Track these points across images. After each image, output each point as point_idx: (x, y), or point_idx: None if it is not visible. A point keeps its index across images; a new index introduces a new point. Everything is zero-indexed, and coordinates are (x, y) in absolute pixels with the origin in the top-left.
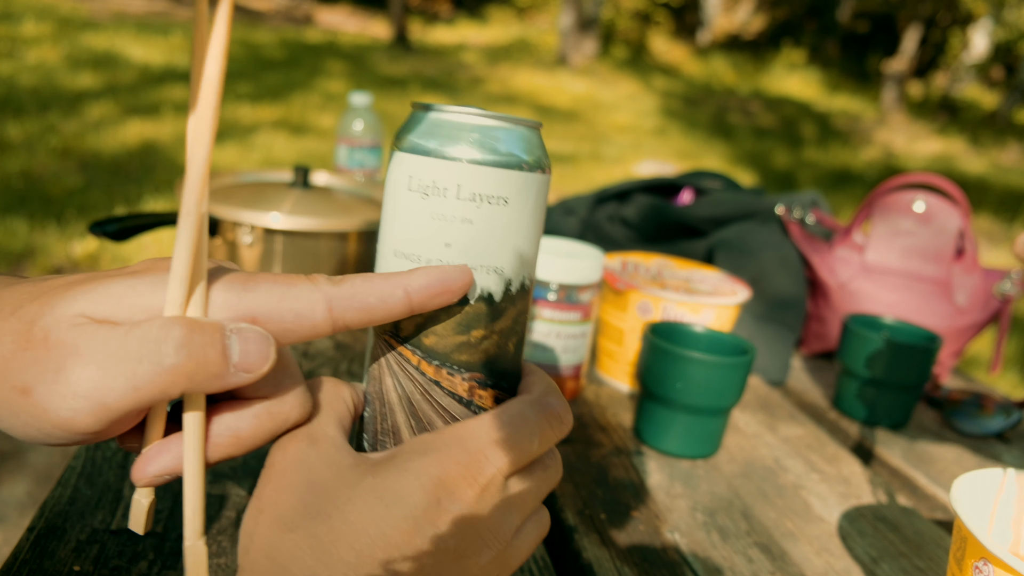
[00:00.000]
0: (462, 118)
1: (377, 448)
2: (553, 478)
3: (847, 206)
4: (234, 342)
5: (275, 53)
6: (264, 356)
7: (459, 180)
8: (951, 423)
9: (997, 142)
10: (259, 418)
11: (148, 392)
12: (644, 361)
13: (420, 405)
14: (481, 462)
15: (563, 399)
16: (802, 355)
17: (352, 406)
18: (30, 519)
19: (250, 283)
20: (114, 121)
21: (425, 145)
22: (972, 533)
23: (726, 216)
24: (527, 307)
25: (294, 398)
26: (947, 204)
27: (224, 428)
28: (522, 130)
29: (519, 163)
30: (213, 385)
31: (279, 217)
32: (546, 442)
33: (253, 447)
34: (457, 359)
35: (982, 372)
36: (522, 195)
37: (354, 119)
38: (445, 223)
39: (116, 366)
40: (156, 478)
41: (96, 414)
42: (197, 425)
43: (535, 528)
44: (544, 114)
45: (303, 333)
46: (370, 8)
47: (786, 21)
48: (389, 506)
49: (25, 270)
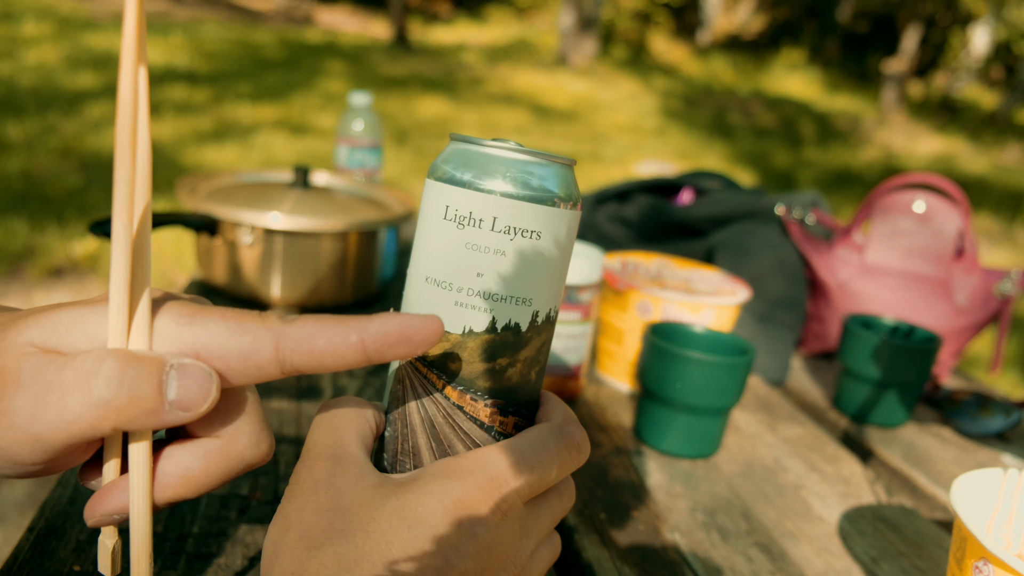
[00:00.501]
0: (500, 152)
1: (396, 468)
2: (567, 504)
3: (847, 206)
4: (172, 378)
5: (275, 53)
6: (204, 394)
7: (495, 212)
8: (951, 423)
9: (997, 142)
10: (209, 458)
11: (79, 426)
12: (644, 361)
13: (442, 428)
14: (502, 487)
15: (582, 428)
16: (802, 355)
17: (374, 425)
18: (30, 519)
19: (197, 316)
20: (114, 121)
21: (462, 177)
22: (972, 533)
23: (726, 216)
24: (551, 337)
25: (247, 438)
26: (947, 204)
27: (173, 467)
28: (557, 167)
29: (552, 198)
30: (147, 422)
31: (279, 217)
32: (564, 470)
33: (206, 488)
34: (481, 385)
35: (982, 372)
36: (554, 229)
37: (354, 119)
38: (479, 253)
39: (49, 397)
40: (105, 517)
41: (31, 445)
42: (142, 460)
43: (547, 552)
44: (544, 114)
45: (249, 372)
46: (370, 8)
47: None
48: (412, 527)
49: (25, 270)
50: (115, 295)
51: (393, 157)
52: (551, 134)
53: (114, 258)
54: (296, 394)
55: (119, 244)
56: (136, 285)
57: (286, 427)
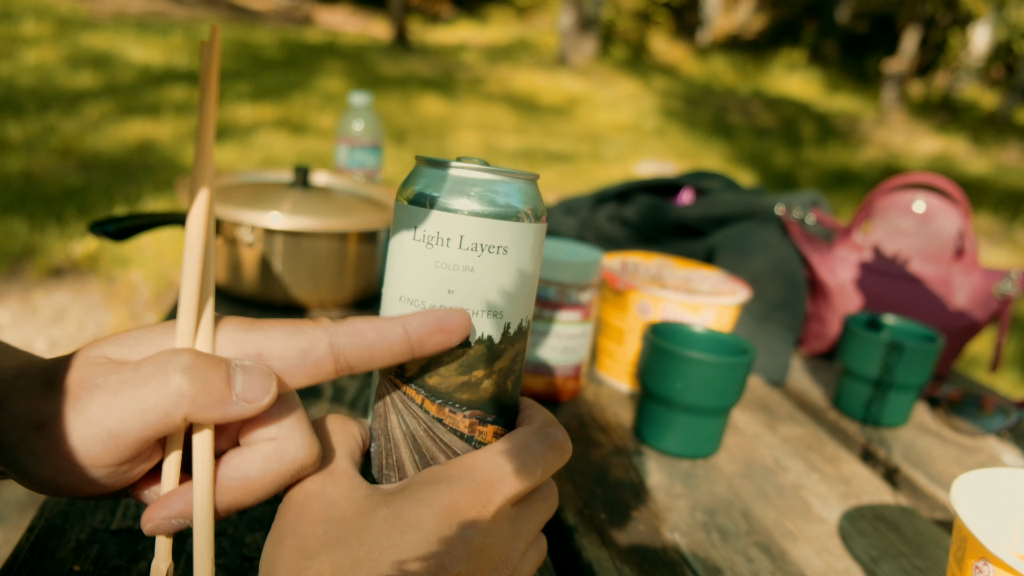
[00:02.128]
0: (464, 173)
1: (383, 482)
2: (552, 506)
3: (847, 206)
4: (238, 374)
5: (275, 53)
6: (265, 389)
7: (462, 231)
8: (951, 423)
9: (997, 142)
10: (267, 460)
11: (153, 415)
12: (644, 361)
13: (423, 441)
14: (490, 491)
15: (563, 429)
16: (802, 355)
17: (361, 441)
18: (30, 519)
19: (257, 324)
20: (114, 121)
21: (429, 198)
22: (972, 533)
23: (726, 216)
24: (524, 347)
25: (300, 439)
26: (947, 204)
27: (232, 471)
28: (520, 183)
29: (517, 214)
30: (216, 412)
31: (279, 217)
32: (548, 471)
33: (262, 492)
34: (459, 398)
35: (982, 372)
36: (520, 243)
37: (354, 119)
38: (448, 271)
39: (125, 391)
40: (164, 522)
41: (105, 442)
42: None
43: (535, 554)
44: (543, 114)
45: (307, 370)
46: (370, 8)
47: (786, 21)
48: (404, 533)
49: (25, 270)
50: (184, 303)
51: (393, 157)
52: (551, 134)
53: (186, 267)
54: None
55: (191, 255)
56: (202, 295)
57: None
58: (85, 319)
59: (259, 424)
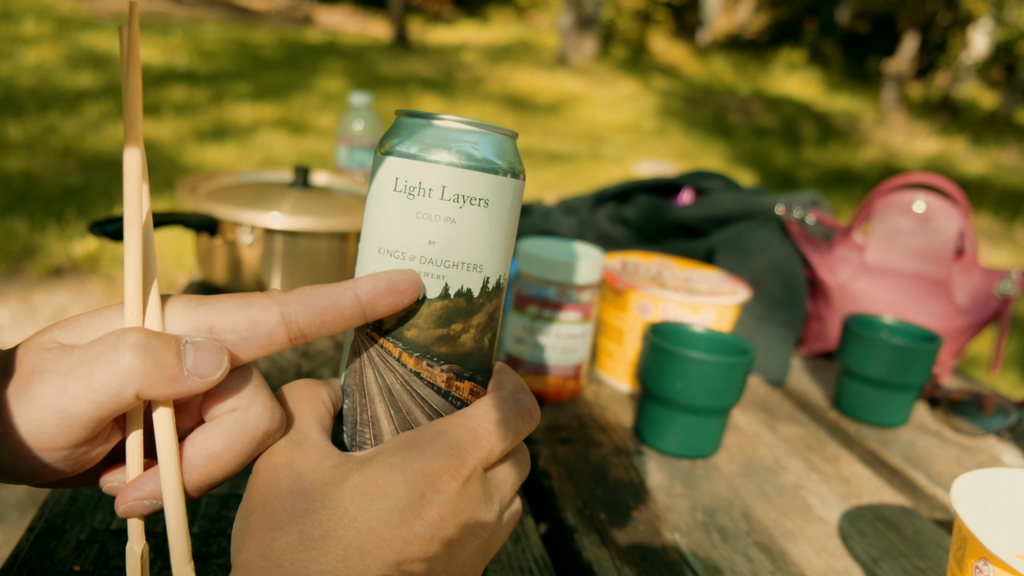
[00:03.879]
0: (446, 124)
1: (356, 439)
2: (524, 470)
3: (847, 206)
4: (188, 350)
5: (275, 53)
6: (217, 362)
7: (444, 181)
8: (951, 423)
9: (997, 142)
10: (230, 432)
11: (105, 394)
12: (644, 361)
13: (400, 395)
14: (462, 455)
15: (532, 396)
16: (802, 355)
17: (331, 405)
18: (30, 519)
19: (206, 299)
20: (114, 121)
21: (411, 150)
22: (972, 533)
23: (726, 216)
24: (501, 304)
25: (261, 407)
26: (947, 204)
27: (197, 447)
28: (500, 138)
29: (496, 168)
30: (168, 388)
31: (279, 217)
32: (519, 436)
33: (232, 465)
34: (437, 351)
35: (982, 372)
36: (501, 198)
37: (354, 119)
38: (429, 222)
39: (75, 371)
40: (137, 503)
41: (58, 423)
42: (167, 430)
43: (511, 517)
44: (544, 114)
45: (260, 341)
46: (370, 8)
47: (786, 21)
48: (375, 500)
49: (25, 270)
50: (129, 283)
51: None
52: (551, 134)
53: (127, 248)
54: None
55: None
56: (147, 275)
57: None
58: None
59: (218, 398)
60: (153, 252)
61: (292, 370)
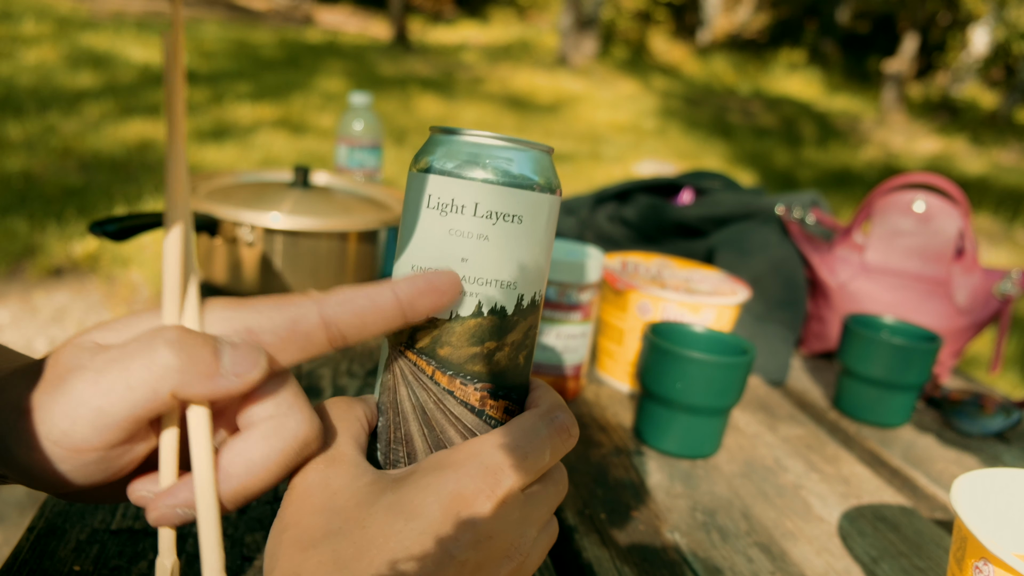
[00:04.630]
0: (480, 140)
1: (390, 456)
2: (562, 490)
3: (847, 206)
4: (225, 347)
5: (275, 53)
6: (254, 361)
7: (477, 198)
8: (951, 423)
9: (997, 142)
10: (268, 439)
11: (141, 391)
12: (644, 361)
13: (433, 414)
14: (497, 475)
15: (571, 413)
16: (802, 355)
17: (366, 422)
18: (30, 519)
19: (244, 301)
20: (114, 121)
21: (444, 166)
22: (972, 533)
23: (726, 216)
24: (537, 322)
25: (299, 413)
26: (947, 204)
27: (235, 456)
28: (535, 153)
29: (531, 184)
30: (205, 387)
31: (279, 217)
32: (556, 455)
33: (270, 476)
34: (470, 369)
35: (982, 372)
36: (535, 214)
37: (354, 119)
38: (462, 239)
39: (111, 369)
40: (169, 510)
41: (93, 422)
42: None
43: (546, 538)
44: (544, 114)
45: (299, 343)
46: (370, 8)
47: (786, 21)
48: (408, 521)
49: (25, 270)
50: (168, 284)
51: (393, 157)
52: (551, 134)
53: (167, 252)
54: None
55: (172, 239)
56: (186, 274)
57: None
58: (85, 319)
59: (255, 403)
60: (193, 254)
61: (293, 370)
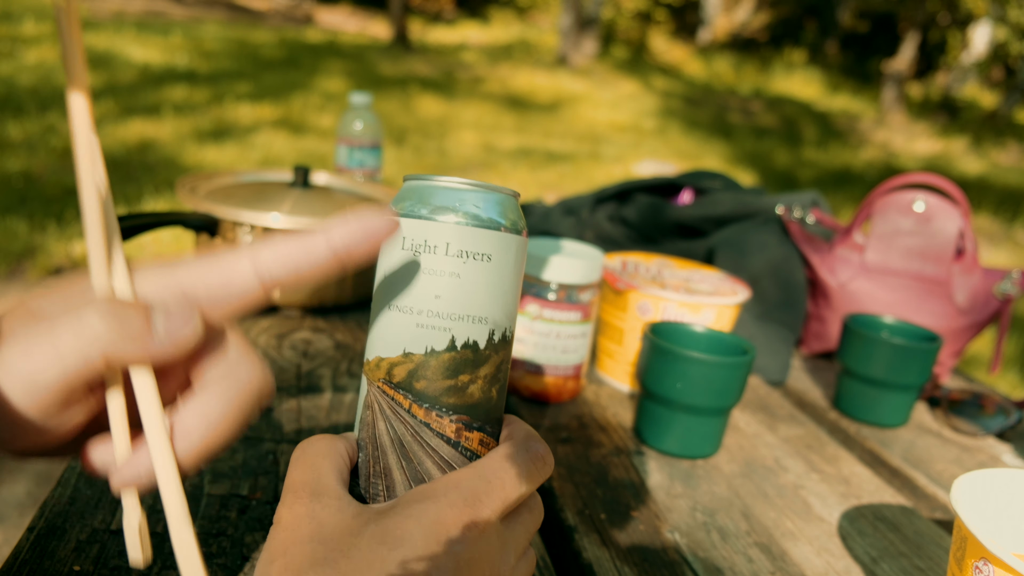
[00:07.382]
0: (450, 185)
1: (370, 491)
2: (538, 519)
3: (847, 206)
4: (158, 310)
5: (275, 53)
6: (186, 320)
7: (448, 239)
8: (951, 423)
9: (997, 142)
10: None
11: (72, 358)
12: (644, 361)
13: (411, 446)
14: (477, 504)
15: (544, 443)
16: (802, 355)
17: (348, 458)
18: (30, 519)
19: (178, 261)
20: (114, 121)
21: (417, 211)
22: (972, 533)
23: (726, 216)
24: (508, 357)
25: (249, 364)
26: (947, 204)
27: (191, 414)
28: (502, 196)
29: (498, 225)
30: (138, 350)
31: (279, 217)
32: (533, 483)
33: (228, 430)
34: (446, 402)
35: (982, 372)
36: (503, 253)
37: (354, 119)
38: (435, 276)
39: (43, 337)
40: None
41: (26, 389)
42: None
43: (525, 565)
44: (544, 113)
45: (233, 294)
46: (370, 8)
47: (786, 21)
48: (392, 549)
49: (25, 270)
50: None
51: (393, 157)
52: (551, 134)
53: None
54: (296, 392)
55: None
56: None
57: (287, 425)
58: None
59: (203, 360)
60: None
61: (292, 370)
